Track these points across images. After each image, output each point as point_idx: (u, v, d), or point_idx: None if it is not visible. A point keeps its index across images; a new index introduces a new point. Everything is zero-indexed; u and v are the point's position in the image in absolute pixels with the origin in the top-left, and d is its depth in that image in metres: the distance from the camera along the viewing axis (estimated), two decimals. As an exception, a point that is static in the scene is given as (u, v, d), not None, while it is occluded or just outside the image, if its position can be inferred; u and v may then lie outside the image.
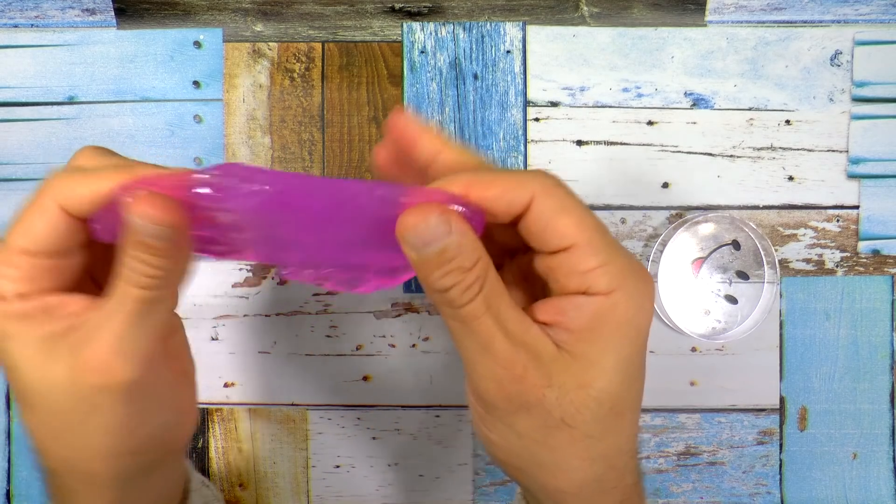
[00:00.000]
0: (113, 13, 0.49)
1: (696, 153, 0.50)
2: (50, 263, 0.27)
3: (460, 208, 0.25)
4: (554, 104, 0.50)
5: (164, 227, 0.24)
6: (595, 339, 0.25)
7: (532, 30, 0.49)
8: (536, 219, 0.25)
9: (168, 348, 0.29)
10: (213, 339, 0.50)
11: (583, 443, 0.26)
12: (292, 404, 0.50)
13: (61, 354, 0.26)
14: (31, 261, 0.26)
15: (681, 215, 0.50)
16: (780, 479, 0.50)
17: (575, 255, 0.25)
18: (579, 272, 0.25)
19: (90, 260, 0.28)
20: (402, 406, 0.50)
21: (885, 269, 0.49)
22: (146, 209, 0.24)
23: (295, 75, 0.50)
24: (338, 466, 0.50)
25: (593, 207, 0.50)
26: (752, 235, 0.49)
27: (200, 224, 0.26)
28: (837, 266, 0.49)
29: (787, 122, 0.49)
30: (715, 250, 0.50)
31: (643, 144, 0.50)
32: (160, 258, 0.25)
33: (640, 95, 0.50)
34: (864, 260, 0.49)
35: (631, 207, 0.50)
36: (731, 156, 0.50)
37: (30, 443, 0.28)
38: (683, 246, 0.49)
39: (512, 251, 0.30)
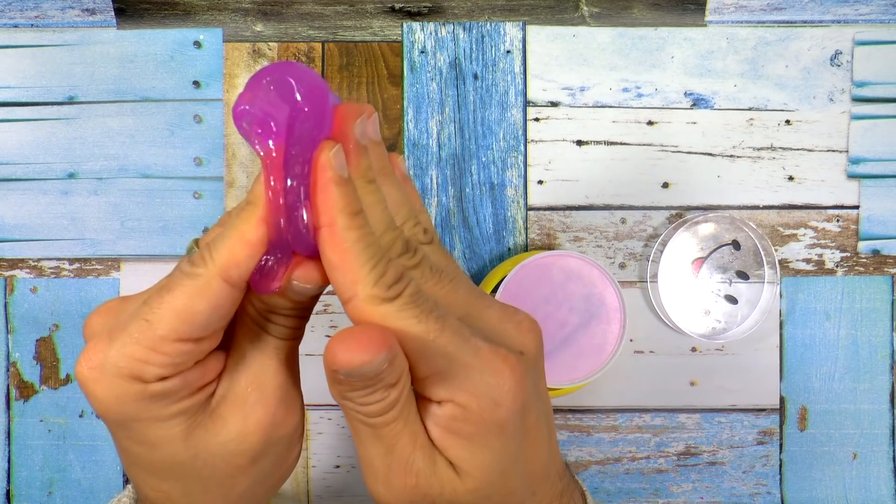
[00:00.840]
0: (113, 13, 0.49)
1: (696, 153, 0.50)
2: (201, 346, 0.24)
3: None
4: (554, 104, 0.50)
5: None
6: (462, 449, 0.25)
7: (532, 30, 0.49)
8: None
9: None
10: (213, 339, 0.50)
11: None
12: (292, 404, 0.50)
13: (213, 423, 0.25)
14: (184, 347, 0.23)
15: (681, 215, 0.50)
16: (780, 479, 0.50)
17: (417, 366, 0.24)
18: (425, 385, 0.25)
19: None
20: (402, 406, 0.50)
21: (885, 269, 0.49)
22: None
23: (295, 75, 0.49)
24: (338, 466, 0.50)
25: (593, 207, 0.50)
26: (752, 235, 0.49)
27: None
28: (837, 266, 0.49)
29: (787, 122, 0.49)
30: (715, 250, 0.50)
31: (643, 144, 0.50)
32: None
33: (640, 95, 0.50)
34: (864, 260, 0.49)
35: (631, 207, 0.50)
36: (731, 156, 0.50)
37: None
38: (683, 246, 0.49)
39: None
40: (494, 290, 0.43)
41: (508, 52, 0.49)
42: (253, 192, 0.23)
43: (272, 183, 0.23)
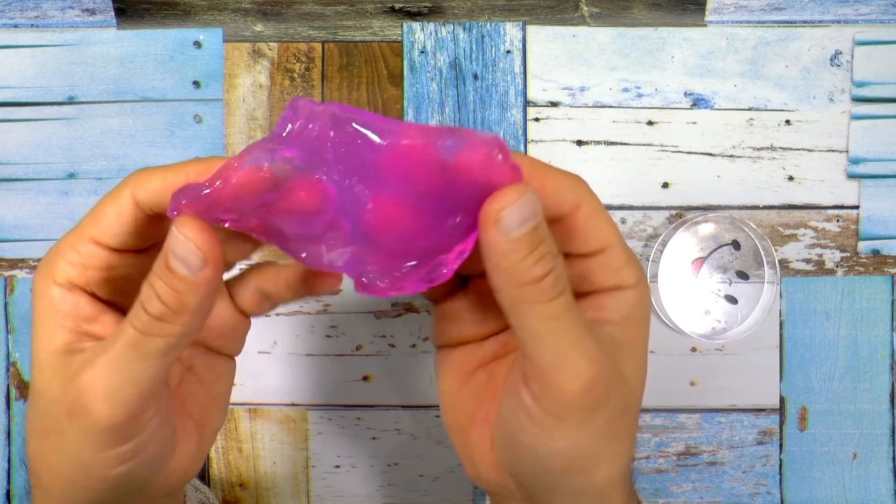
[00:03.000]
0: (113, 13, 0.49)
1: (696, 153, 0.50)
2: (109, 258, 0.27)
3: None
4: (554, 104, 0.50)
5: (200, 253, 0.24)
6: (635, 328, 0.27)
7: (532, 30, 0.49)
8: (584, 220, 0.26)
9: (178, 394, 0.29)
10: (213, 339, 0.50)
11: (635, 425, 0.28)
12: (292, 404, 0.50)
13: (64, 368, 0.26)
14: (93, 250, 0.27)
15: (681, 215, 0.50)
16: (780, 479, 0.50)
17: (610, 254, 0.27)
18: (614, 269, 0.27)
19: (139, 274, 0.27)
20: (402, 406, 0.50)
21: (885, 269, 0.49)
22: (188, 229, 0.24)
23: (295, 75, 0.50)
24: (338, 466, 0.50)
25: (593, 207, 0.50)
26: (752, 235, 0.49)
27: (282, 213, 0.24)
28: (837, 266, 0.49)
29: (787, 122, 0.49)
30: (715, 250, 0.50)
31: (643, 144, 0.50)
32: (183, 291, 0.24)
33: (640, 95, 0.50)
34: (864, 260, 0.49)
35: (631, 207, 0.50)
36: (731, 156, 0.50)
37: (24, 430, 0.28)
38: (683, 246, 0.49)
39: (465, 277, 0.30)
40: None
41: (508, 52, 0.49)
42: (210, 159, 0.26)
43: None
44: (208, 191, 0.24)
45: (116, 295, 0.28)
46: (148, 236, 0.27)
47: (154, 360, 0.25)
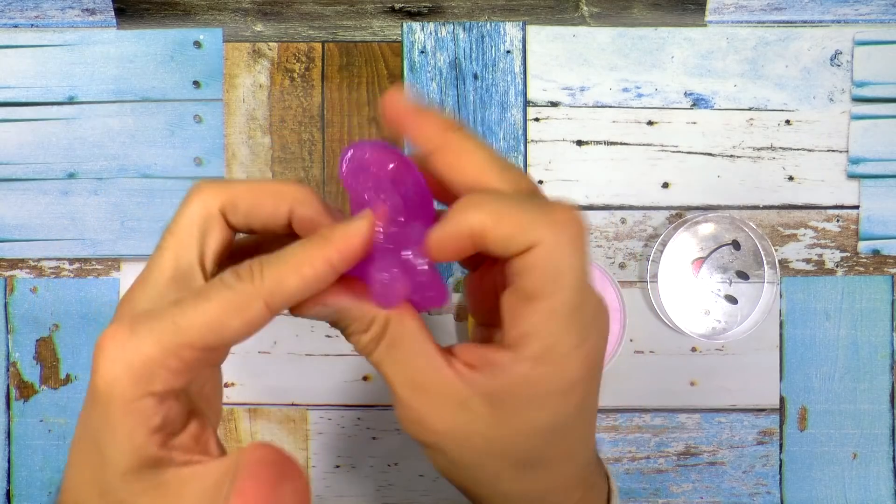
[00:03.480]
0: (113, 13, 0.49)
1: (696, 153, 0.50)
2: (215, 356, 0.24)
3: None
4: (554, 104, 0.50)
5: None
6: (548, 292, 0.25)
7: (532, 30, 0.49)
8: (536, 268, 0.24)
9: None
10: (213, 339, 0.50)
11: (508, 473, 0.26)
12: (292, 404, 0.50)
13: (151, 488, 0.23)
14: (202, 356, 0.23)
15: (681, 215, 0.50)
16: (780, 479, 0.50)
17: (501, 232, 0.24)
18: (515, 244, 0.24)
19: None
20: (402, 406, 0.50)
21: (885, 269, 0.49)
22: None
23: (295, 75, 0.50)
24: (338, 466, 0.50)
25: (593, 207, 0.50)
26: (752, 235, 0.49)
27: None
28: (837, 266, 0.49)
29: (787, 122, 0.49)
30: (715, 250, 0.50)
31: (643, 144, 0.50)
32: None
33: (640, 95, 0.50)
34: (864, 260, 0.49)
35: (631, 207, 0.50)
36: (731, 156, 0.50)
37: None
38: (683, 246, 0.49)
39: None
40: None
41: (508, 52, 0.49)
42: (331, 229, 0.24)
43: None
44: (425, 267, 0.25)
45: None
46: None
47: None
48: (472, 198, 0.24)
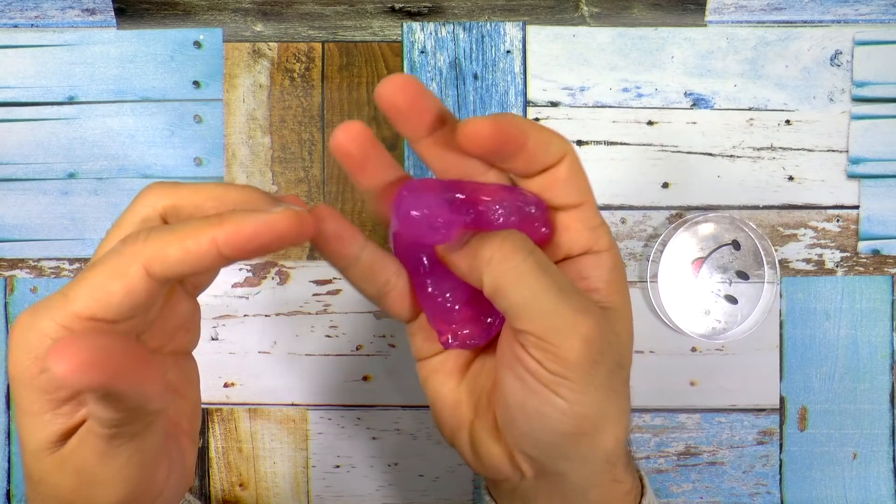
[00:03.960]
0: (113, 13, 0.49)
1: (696, 153, 0.50)
2: (107, 328, 0.23)
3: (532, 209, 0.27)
4: (554, 104, 0.50)
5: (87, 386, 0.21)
6: (618, 290, 0.28)
7: (532, 30, 0.49)
8: (566, 172, 0.27)
9: (172, 419, 0.28)
10: (213, 339, 0.50)
11: (629, 383, 0.28)
12: (292, 404, 0.50)
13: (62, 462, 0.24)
14: (90, 325, 0.22)
15: (681, 215, 0.50)
16: (780, 479, 0.50)
17: (588, 210, 0.27)
18: (590, 227, 0.27)
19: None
20: (402, 406, 0.50)
21: (885, 269, 0.49)
22: (66, 367, 0.20)
23: (295, 75, 0.50)
24: (338, 466, 0.50)
25: (593, 207, 0.50)
26: (752, 235, 0.49)
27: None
28: (837, 266, 0.49)
29: (787, 122, 0.49)
30: (715, 250, 0.50)
31: (643, 144, 0.50)
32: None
33: (640, 95, 0.50)
34: (864, 260, 0.49)
35: (631, 207, 0.50)
36: (731, 156, 0.50)
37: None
38: (683, 246, 0.49)
39: None
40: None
41: (508, 52, 0.49)
42: (231, 212, 0.23)
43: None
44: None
45: None
46: (154, 301, 0.24)
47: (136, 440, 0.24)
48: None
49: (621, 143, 0.50)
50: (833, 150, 0.49)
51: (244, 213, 0.23)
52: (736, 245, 0.50)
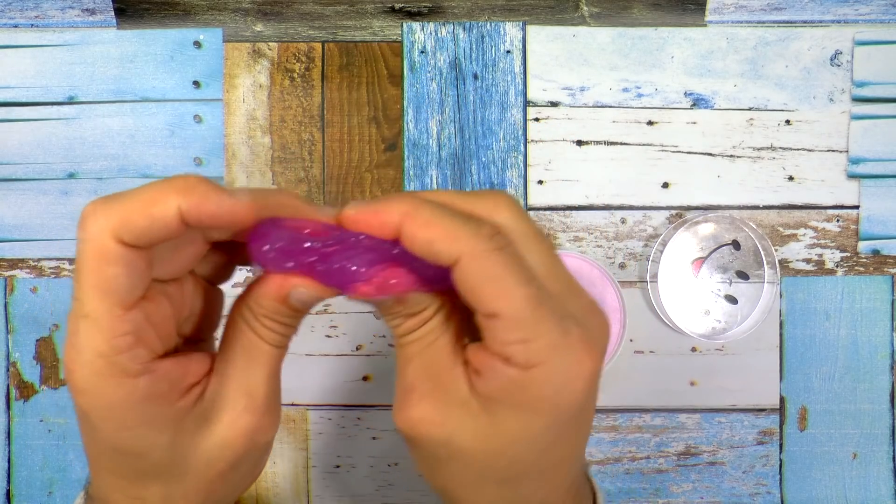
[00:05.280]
0: (113, 13, 0.49)
1: (696, 153, 0.50)
2: (137, 315, 0.23)
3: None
4: (554, 104, 0.50)
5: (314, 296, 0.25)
6: (503, 408, 0.24)
7: (532, 30, 0.49)
8: (461, 280, 0.23)
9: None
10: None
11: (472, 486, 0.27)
12: (292, 404, 0.50)
13: (199, 428, 0.25)
14: (126, 315, 0.23)
15: (681, 215, 0.50)
16: (780, 479, 0.50)
17: (498, 324, 0.23)
18: (500, 342, 0.23)
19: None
20: (402, 406, 0.50)
21: (885, 269, 0.49)
22: (307, 289, 0.25)
23: (295, 75, 0.50)
24: (338, 466, 0.50)
25: (593, 207, 0.50)
26: (752, 235, 0.49)
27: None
28: (837, 266, 0.49)
29: (787, 122, 0.49)
30: (715, 250, 0.50)
31: (643, 144, 0.50)
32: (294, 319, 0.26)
33: (640, 95, 0.50)
34: (864, 260, 0.49)
35: (631, 207, 0.50)
36: (731, 156, 0.50)
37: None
38: (683, 246, 0.49)
39: None
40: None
41: (508, 52, 0.49)
42: (182, 177, 0.22)
43: None
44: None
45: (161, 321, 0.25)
46: (147, 267, 0.24)
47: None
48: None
49: (621, 143, 0.50)
50: (833, 150, 0.49)
51: (213, 187, 0.23)
52: (736, 245, 0.50)
